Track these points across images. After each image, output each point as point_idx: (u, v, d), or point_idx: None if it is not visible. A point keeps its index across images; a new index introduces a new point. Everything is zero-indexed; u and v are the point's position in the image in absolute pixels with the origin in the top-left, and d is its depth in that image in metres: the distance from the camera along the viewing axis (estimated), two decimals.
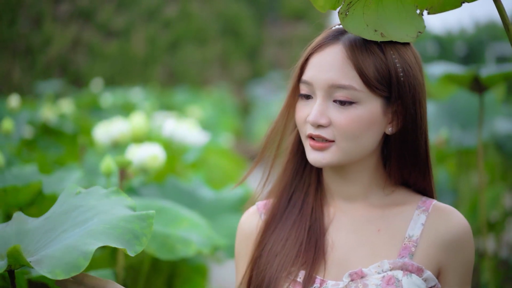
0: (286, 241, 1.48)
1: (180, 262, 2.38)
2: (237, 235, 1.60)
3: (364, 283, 1.39)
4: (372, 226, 1.47)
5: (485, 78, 2.43)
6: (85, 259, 1.20)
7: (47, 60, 14.10)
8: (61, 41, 14.28)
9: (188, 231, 1.96)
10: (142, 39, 15.10)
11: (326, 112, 1.41)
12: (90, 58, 14.61)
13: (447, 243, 1.44)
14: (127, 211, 1.34)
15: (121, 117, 3.09)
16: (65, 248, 1.22)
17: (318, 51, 1.44)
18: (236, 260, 1.59)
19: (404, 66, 1.42)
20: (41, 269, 1.18)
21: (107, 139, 2.54)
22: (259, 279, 1.47)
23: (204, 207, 2.43)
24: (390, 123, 1.45)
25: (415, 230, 1.45)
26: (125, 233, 1.27)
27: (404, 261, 1.41)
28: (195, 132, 2.87)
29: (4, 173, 2.16)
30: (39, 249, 1.28)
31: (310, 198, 1.52)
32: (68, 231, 1.29)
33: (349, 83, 1.39)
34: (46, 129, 4.55)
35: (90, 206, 1.36)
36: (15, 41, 13.94)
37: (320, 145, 1.42)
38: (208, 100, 9.61)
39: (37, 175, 2.18)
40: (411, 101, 1.43)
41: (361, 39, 1.41)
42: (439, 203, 1.49)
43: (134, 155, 2.19)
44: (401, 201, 1.49)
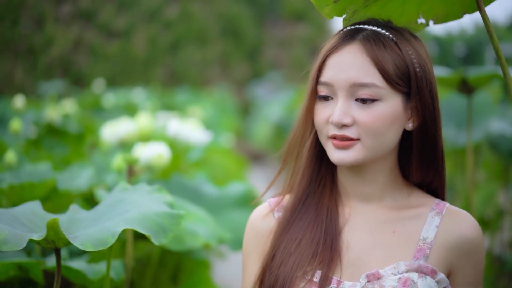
0: (300, 241, 1.48)
1: (184, 258, 2.48)
2: (248, 232, 1.58)
3: (380, 285, 1.40)
4: (387, 227, 1.47)
5: (472, 79, 2.50)
6: (113, 237, 1.35)
7: (49, 61, 14.16)
8: (63, 42, 14.34)
9: (195, 225, 2.08)
10: (143, 40, 15.16)
11: (349, 112, 1.40)
12: (92, 58, 14.66)
13: (460, 246, 1.45)
14: (163, 207, 1.49)
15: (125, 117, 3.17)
16: (99, 229, 1.39)
17: (335, 51, 1.43)
18: (245, 257, 1.57)
19: (420, 61, 1.43)
20: (75, 242, 1.33)
21: (114, 138, 2.63)
22: (272, 279, 1.46)
23: (207, 203, 2.53)
24: (410, 119, 1.45)
25: (429, 232, 1.46)
26: (154, 225, 1.42)
27: (419, 263, 1.42)
28: (198, 131, 2.96)
29: (19, 170, 2.25)
30: (81, 231, 1.43)
31: (326, 199, 1.52)
32: (110, 220, 1.43)
33: (371, 80, 1.39)
34: (51, 129, 4.63)
35: (132, 200, 1.52)
36: (17, 42, 14.00)
37: (344, 143, 1.41)
38: (209, 100, 9.66)
39: (50, 172, 2.28)
40: (429, 95, 1.44)
41: (377, 36, 1.42)
42: (452, 206, 1.50)
43: (141, 154, 2.28)
44: (415, 203, 1.50)
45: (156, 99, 8.33)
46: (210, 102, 9.25)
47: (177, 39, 15.56)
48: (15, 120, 3.16)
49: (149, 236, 1.39)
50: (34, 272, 1.79)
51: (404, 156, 1.50)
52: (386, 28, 1.45)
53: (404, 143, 1.49)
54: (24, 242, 1.36)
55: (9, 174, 2.23)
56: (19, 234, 1.38)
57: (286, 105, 8.68)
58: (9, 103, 6.97)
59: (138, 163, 2.11)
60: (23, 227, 1.46)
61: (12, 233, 1.37)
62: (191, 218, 2.09)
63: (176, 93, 10.94)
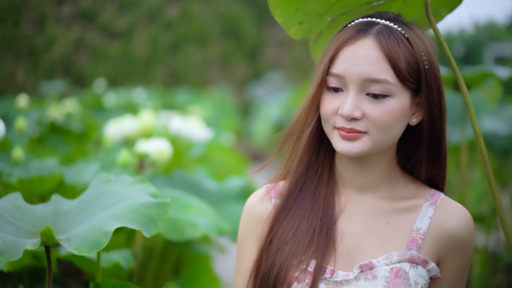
0: (297, 229, 1.48)
1: (186, 251, 2.56)
2: (244, 217, 1.58)
3: (373, 275, 1.42)
4: (381, 218, 1.49)
5: (466, 78, 2.57)
6: (106, 237, 1.38)
7: (50, 61, 14.19)
8: (64, 42, 14.38)
9: (196, 217, 2.17)
10: (144, 40, 15.19)
11: (360, 105, 1.41)
12: (93, 59, 14.69)
13: (450, 237, 1.47)
14: (148, 198, 1.53)
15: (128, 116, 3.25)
16: (90, 228, 1.41)
17: (349, 44, 1.43)
18: (241, 242, 1.58)
19: (429, 57, 1.44)
20: (69, 247, 1.37)
21: (118, 135, 2.70)
22: (269, 266, 1.47)
23: (208, 196, 2.61)
24: (414, 114, 1.46)
25: (422, 223, 1.47)
26: (143, 217, 1.46)
27: (411, 253, 1.44)
28: (200, 129, 3.04)
29: (27, 166, 2.33)
30: (70, 228, 1.47)
31: (323, 187, 1.52)
32: (96, 213, 1.49)
33: (384, 77, 1.39)
34: (54, 128, 4.70)
35: (116, 192, 1.56)
36: (18, 42, 14.03)
37: (352, 135, 1.42)
38: (209, 100, 9.71)
39: (57, 168, 2.36)
40: (437, 92, 1.45)
41: (390, 31, 1.42)
42: (447, 198, 1.51)
43: (144, 149, 2.35)
44: (411, 195, 1.51)
45: (157, 99, 8.38)
46: (210, 102, 9.30)
47: (177, 40, 15.60)
48: (20, 119, 3.22)
49: (140, 230, 1.44)
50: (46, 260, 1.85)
51: (406, 150, 1.53)
52: (398, 23, 1.46)
53: (404, 136, 1.50)
54: (20, 251, 1.36)
55: (18, 169, 2.31)
56: (14, 241, 1.39)
57: (285, 104, 8.74)
58: (11, 103, 7.04)
59: (147, 157, 2.19)
60: (11, 226, 1.48)
61: (7, 241, 1.38)
62: (192, 211, 2.17)
63: (177, 93, 10.98)
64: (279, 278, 1.45)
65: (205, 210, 2.22)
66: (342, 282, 1.43)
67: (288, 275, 1.44)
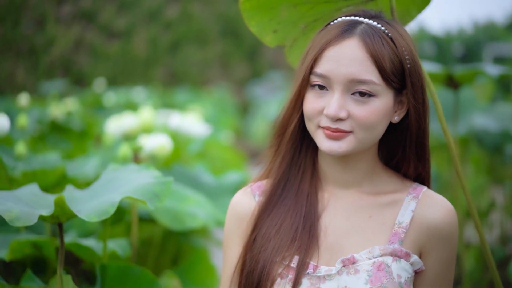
0: (280, 226, 1.49)
1: (184, 244, 2.64)
2: (229, 215, 1.59)
3: (355, 269, 1.43)
4: (364, 212, 1.50)
5: (458, 75, 2.65)
6: (113, 207, 1.51)
7: (50, 61, 14.24)
8: (64, 42, 14.42)
9: (195, 208, 2.26)
10: (143, 40, 15.24)
11: (345, 106, 1.41)
12: (93, 58, 14.74)
13: (433, 230, 1.47)
14: (152, 180, 1.65)
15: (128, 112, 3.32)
16: (99, 202, 1.55)
17: (334, 44, 1.43)
18: (226, 240, 1.58)
19: (411, 56, 1.46)
20: (80, 215, 1.49)
21: (118, 132, 2.77)
22: (253, 263, 1.48)
23: (206, 190, 2.70)
24: (396, 112, 1.48)
25: (405, 216, 1.48)
26: (148, 192, 1.58)
27: (393, 247, 1.44)
28: (198, 125, 3.12)
29: (30, 160, 2.40)
30: (81, 206, 1.59)
31: (306, 184, 1.53)
32: (107, 194, 1.60)
33: (370, 77, 1.40)
34: (54, 126, 4.77)
35: (124, 177, 1.69)
36: (18, 42, 14.07)
37: (337, 134, 1.42)
38: (209, 99, 9.77)
39: (59, 162, 2.43)
40: (420, 89, 1.46)
41: (374, 31, 1.43)
42: (429, 191, 1.53)
43: (144, 144, 2.42)
44: (393, 189, 1.52)
45: (156, 98, 8.44)
46: (210, 101, 9.35)
47: (177, 39, 15.65)
48: (21, 116, 3.28)
49: (144, 201, 1.55)
50: (47, 249, 1.94)
51: (388, 147, 1.54)
52: (381, 22, 1.47)
53: (385, 133, 1.51)
54: (35, 218, 1.49)
55: (21, 163, 2.39)
56: (29, 211, 1.51)
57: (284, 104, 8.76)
58: (11, 102, 7.10)
59: (143, 150, 2.26)
60: (28, 207, 1.59)
61: (22, 210, 1.51)
62: (191, 203, 2.26)
63: (177, 92, 11.03)
64: (263, 275, 1.46)
65: (203, 202, 2.31)
66: (324, 277, 1.44)
67: (272, 272, 1.45)
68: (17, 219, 1.48)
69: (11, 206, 1.52)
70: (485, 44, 17.25)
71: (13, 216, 1.49)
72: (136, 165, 1.75)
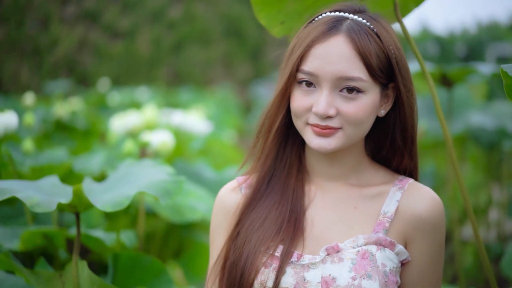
0: (265, 219, 1.49)
1: (186, 238, 2.72)
2: (216, 207, 1.59)
3: (339, 257, 1.43)
4: (349, 204, 1.50)
5: (451, 74, 2.72)
6: (127, 200, 1.61)
7: (55, 61, 14.31)
8: (68, 42, 14.49)
9: (196, 202, 2.35)
10: (147, 40, 15.30)
11: (334, 103, 1.42)
12: (96, 58, 14.80)
13: (417, 220, 1.47)
14: (166, 176, 1.76)
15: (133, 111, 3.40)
16: (115, 194, 1.65)
17: (320, 42, 1.43)
18: (213, 232, 1.59)
19: (397, 49, 1.46)
20: (96, 204, 1.59)
21: (123, 129, 2.85)
22: (236, 255, 1.48)
23: (207, 185, 2.78)
24: (382, 106, 1.49)
25: (390, 206, 1.48)
26: (160, 189, 1.69)
27: (378, 236, 1.45)
28: (200, 122, 3.20)
29: (38, 156, 2.48)
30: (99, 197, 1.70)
31: (292, 179, 1.53)
32: (122, 187, 1.72)
33: (358, 74, 1.40)
34: (59, 125, 4.84)
35: (139, 172, 1.80)
36: (23, 42, 14.15)
37: (326, 131, 1.43)
38: (212, 99, 9.82)
39: (66, 158, 2.52)
40: (408, 82, 1.47)
41: (360, 27, 1.43)
42: (415, 182, 1.53)
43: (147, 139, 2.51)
44: (379, 181, 1.53)
45: (160, 98, 8.50)
46: (213, 101, 9.41)
47: (180, 40, 15.71)
48: (28, 114, 3.36)
49: (157, 197, 1.65)
50: (57, 240, 2.02)
51: (375, 141, 1.55)
52: (365, 17, 1.47)
53: (371, 128, 1.51)
54: (54, 204, 1.58)
55: (29, 159, 2.47)
56: (48, 198, 1.62)
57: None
58: (16, 102, 7.18)
59: (149, 146, 2.35)
60: (48, 195, 1.69)
61: (42, 198, 1.61)
62: (192, 196, 2.35)
63: (180, 92, 11.08)
64: (247, 266, 1.45)
65: (204, 196, 2.40)
66: (308, 265, 1.44)
67: (256, 261, 1.45)
68: (37, 205, 1.57)
69: (32, 193, 1.63)
70: (488, 44, 17.25)
71: (33, 202, 1.58)
72: (151, 161, 1.87)
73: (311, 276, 1.42)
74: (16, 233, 2.11)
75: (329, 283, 1.41)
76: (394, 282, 1.44)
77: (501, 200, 4.45)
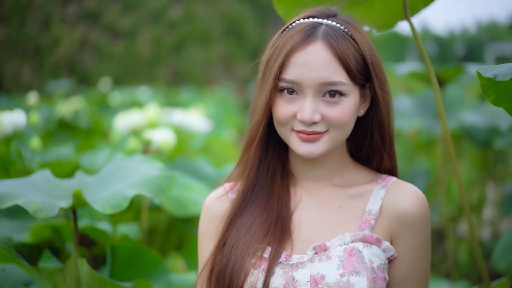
0: (251, 225, 1.51)
1: (187, 233, 2.82)
2: (203, 215, 1.60)
3: (327, 255, 1.44)
4: (335, 203, 1.52)
5: (442, 73, 2.81)
6: (125, 201, 1.68)
7: (56, 60, 14.38)
8: (69, 42, 14.56)
9: (196, 196, 2.46)
10: (147, 40, 15.38)
11: (318, 109, 1.43)
12: (97, 58, 14.88)
13: (401, 216, 1.48)
14: (157, 172, 1.83)
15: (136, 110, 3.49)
16: (112, 193, 1.70)
17: (299, 50, 1.44)
18: (201, 239, 1.59)
19: (370, 49, 1.49)
20: (96, 206, 1.65)
21: (126, 127, 2.94)
22: (223, 262, 1.48)
23: (207, 180, 2.89)
24: (361, 106, 1.51)
25: (374, 204, 1.50)
26: (153, 186, 1.75)
27: (364, 233, 1.46)
28: (200, 121, 3.31)
29: (45, 152, 2.58)
30: (95, 194, 1.76)
31: (276, 185, 1.55)
32: (116, 183, 1.78)
33: (339, 78, 1.42)
34: (62, 124, 4.92)
35: (131, 167, 1.87)
36: (24, 42, 14.22)
37: (312, 137, 1.44)
38: (212, 99, 9.88)
39: (72, 154, 2.62)
40: (383, 82, 1.50)
41: (336, 32, 1.45)
42: (398, 180, 1.55)
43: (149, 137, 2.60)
44: (363, 181, 1.55)
45: (161, 97, 8.56)
46: (213, 100, 9.46)
47: (181, 40, 15.78)
48: (33, 113, 3.44)
49: (151, 197, 1.73)
50: (65, 232, 2.12)
51: (355, 141, 1.57)
52: (339, 21, 1.49)
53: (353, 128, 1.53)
54: (55, 209, 1.65)
55: (38, 156, 2.57)
56: (49, 202, 1.67)
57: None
58: (18, 101, 7.25)
59: (152, 143, 2.45)
60: (45, 195, 1.75)
61: (43, 202, 1.66)
62: (193, 191, 2.46)
63: (180, 92, 11.11)
64: (235, 270, 1.46)
65: (204, 190, 2.51)
66: (297, 265, 1.45)
67: (245, 265, 1.46)
68: (39, 210, 1.63)
69: (32, 198, 1.67)
70: (488, 44, 17.29)
71: (35, 207, 1.64)
72: (142, 156, 1.95)
73: (300, 275, 1.44)
74: (25, 226, 2.21)
75: (318, 281, 1.42)
76: (382, 278, 1.46)
77: (496, 198, 4.51)
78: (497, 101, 1.40)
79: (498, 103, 1.40)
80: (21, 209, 2.32)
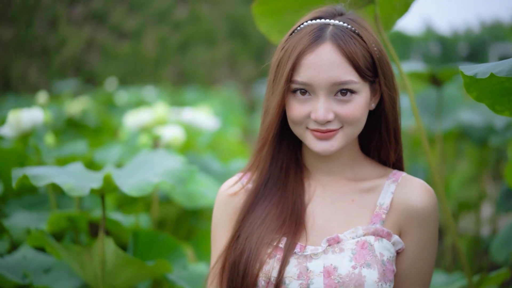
0: (265, 218, 1.54)
1: (195, 226, 2.95)
2: (218, 204, 1.63)
3: (340, 248, 1.48)
4: (347, 197, 1.56)
5: (440, 74, 2.92)
6: (150, 186, 1.88)
7: (62, 61, 14.48)
8: (75, 42, 14.66)
9: (205, 189, 2.63)
10: (153, 40, 15.45)
11: (331, 108, 1.47)
12: (103, 58, 14.97)
13: (411, 210, 1.53)
14: (180, 165, 2.04)
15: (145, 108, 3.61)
16: (139, 180, 1.91)
17: (309, 52, 1.47)
18: (215, 229, 1.61)
19: (378, 46, 1.52)
20: (124, 189, 1.84)
21: (136, 125, 3.06)
22: (237, 253, 1.52)
23: (214, 175, 3.05)
24: (371, 100, 1.54)
25: (385, 199, 1.54)
26: (175, 177, 1.97)
27: (375, 227, 1.50)
28: (208, 119, 3.44)
29: (60, 148, 2.70)
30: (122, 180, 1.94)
31: (290, 178, 1.58)
32: (143, 173, 1.98)
33: (350, 78, 1.46)
34: (71, 123, 5.04)
35: (156, 160, 2.08)
36: (31, 43, 14.32)
37: (328, 134, 1.48)
38: (217, 98, 9.94)
39: (86, 150, 2.75)
40: (390, 76, 1.53)
41: (343, 32, 1.48)
42: (408, 175, 1.59)
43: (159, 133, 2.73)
44: (374, 175, 1.59)
45: (166, 97, 8.63)
46: (218, 100, 9.52)
47: (186, 40, 15.86)
48: (45, 112, 3.55)
49: (173, 185, 1.93)
50: (80, 222, 2.25)
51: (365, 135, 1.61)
52: (346, 21, 1.52)
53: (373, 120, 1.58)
54: (87, 189, 1.81)
55: (53, 151, 2.70)
56: (81, 183, 1.84)
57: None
58: (26, 101, 7.35)
59: (162, 139, 2.58)
60: (79, 180, 1.91)
61: (76, 183, 1.83)
62: (201, 185, 2.61)
63: (186, 91, 11.16)
64: (250, 260, 1.49)
65: (211, 184, 2.66)
66: (311, 256, 1.49)
67: (260, 254, 1.50)
68: (73, 189, 1.79)
69: (66, 179, 1.85)
70: (491, 44, 17.27)
71: (70, 187, 1.79)
72: (165, 151, 2.15)
73: (313, 266, 1.48)
74: (42, 217, 2.35)
75: (331, 272, 1.46)
76: (391, 270, 1.50)
77: (495, 196, 4.58)
78: (479, 97, 1.51)
79: (480, 99, 1.51)
80: (40, 201, 2.47)
